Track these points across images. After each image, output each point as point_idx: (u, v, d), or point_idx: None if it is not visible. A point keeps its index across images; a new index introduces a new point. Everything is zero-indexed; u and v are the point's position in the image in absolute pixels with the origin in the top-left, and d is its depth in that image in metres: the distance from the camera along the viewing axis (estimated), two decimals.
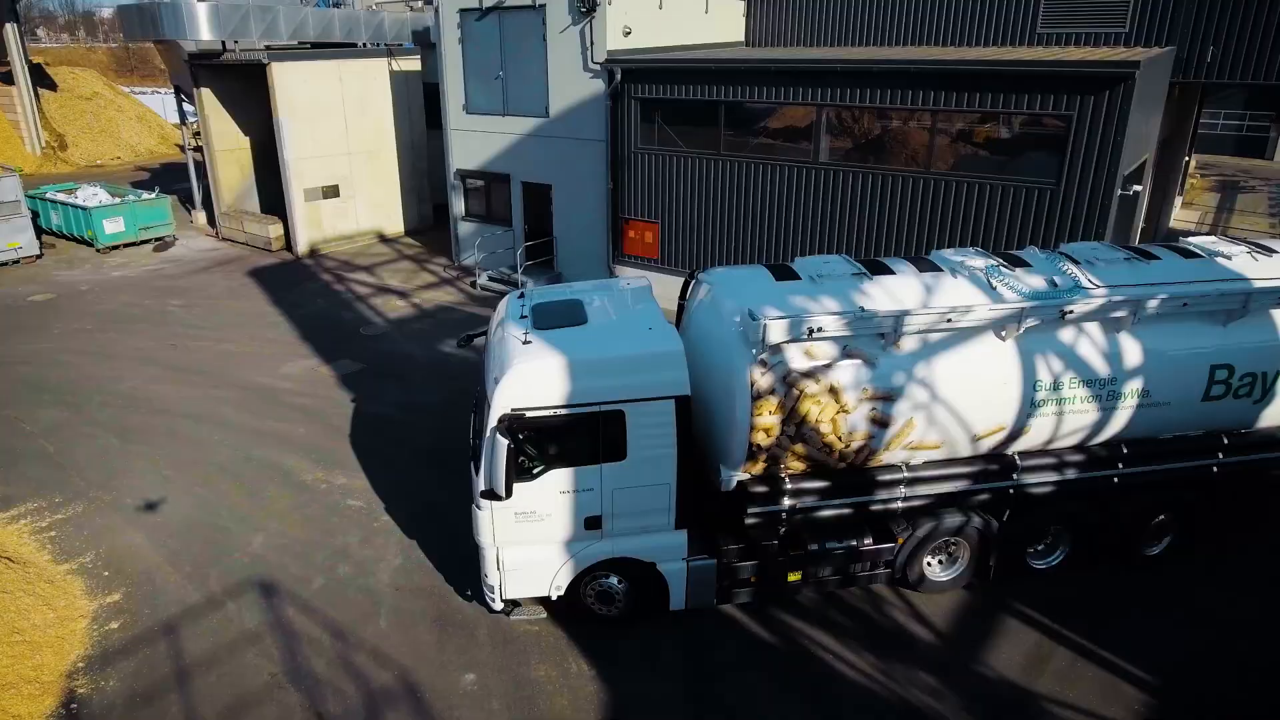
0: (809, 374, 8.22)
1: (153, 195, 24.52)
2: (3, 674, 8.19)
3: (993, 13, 18.37)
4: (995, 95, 13.79)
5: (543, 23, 18.82)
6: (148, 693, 8.26)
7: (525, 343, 8.25)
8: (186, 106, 25.73)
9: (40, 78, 38.76)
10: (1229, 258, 9.40)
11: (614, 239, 19.39)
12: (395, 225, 25.49)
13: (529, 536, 8.53)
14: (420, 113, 25.26)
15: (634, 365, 8.17)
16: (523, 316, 8.90)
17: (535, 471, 8.27)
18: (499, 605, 8.99)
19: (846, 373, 8.28)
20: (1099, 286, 8.73)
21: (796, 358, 8.21)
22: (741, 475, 8.62)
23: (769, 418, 8.20)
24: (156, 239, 24.41)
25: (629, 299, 9.34)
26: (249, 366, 16.07)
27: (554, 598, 8.89)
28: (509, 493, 7.91)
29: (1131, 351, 8.85)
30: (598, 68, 18.24)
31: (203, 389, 15.00)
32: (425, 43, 26.14)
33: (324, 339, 17.41)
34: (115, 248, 23.71)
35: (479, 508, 8.43)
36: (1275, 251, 9.62)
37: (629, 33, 18.38)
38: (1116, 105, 12.84)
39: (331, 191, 23.62)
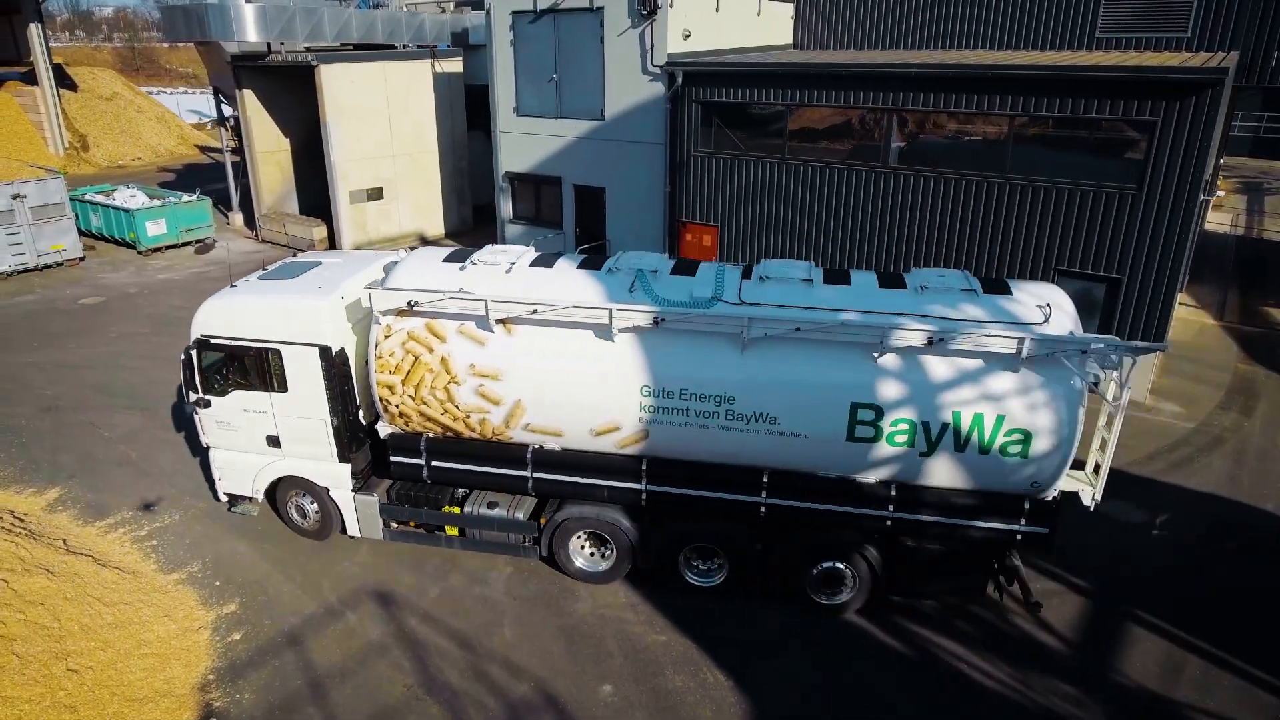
0: (425, 344, 9.06)
1: (193, 197, 24.37)
2: (138, 687, 8.11)
3: (1050, 16, 18.37)
4: (1076, 100, 13.78)
5: (600, 25, 18.77)
6: (285, 705, 8.19)
7: (232, 286, 10.01)
8: (225, 108, 25.58)
9: (60, 78, 38.50)
10: (942, 290, 8.51)
11: (670, 242, 19.35)
12: (436, 227, 25.40)
13: (229, 443, 10.39)
14: (461, 114, 25.18)
15: (287, 314, 9.51)
16: (264, 272, 10.54)
17: (224, 389, 10.01)
18: (222, 498, 10.88)
19: (458, 347, 9.01)
20: (747, 304, 8.45)
21: (418, 328, 9.06)
22: (392, 428, 9.78)
23: (390, 376, 9.24)
24: (197, 241, 24.27)
25: (358, 266, 10.29)
26: None
27: (258, 499, 10.71)
28: (201, 403, 10.03)
29: (753, 374, 8.44)
30: (657, 70, 18.19)
31: None
32: (464, 44, 26.10)
33: None
34: (157, 250, 23.56)
35: (194, 415, 10.30)
36: (1009, 292, 8.57)
37: (688, 35, 18.35)
38: (1204, 111, 12.85)
39: (376, 194, 23.53)
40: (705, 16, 18.77)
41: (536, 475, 9.48)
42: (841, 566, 9.26)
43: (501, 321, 8.83)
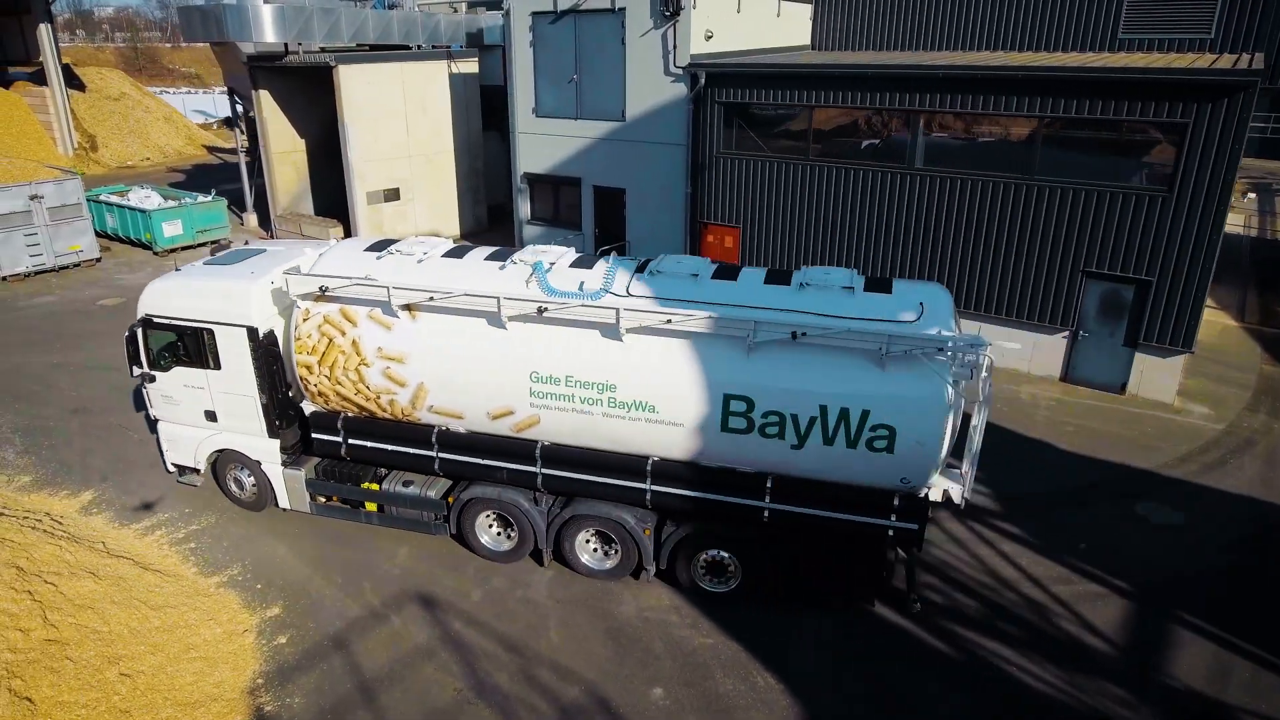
0: (339, 327, 9.55)
1: (209, 198, 24.33)
2: (188, 692, 8.09)
3: (1072, 17, 18.37)
4: (1106, 102, 13.78)
5: (622, 26, 18.76)
6: (336, 709, 8.17)
7: (177, 270, 10.67)
8: (238, 109, 25.54)
9: (68, 78, 38.42)
10: (826, 288, 8.67)
11: (691, 243, 19.34)
12: (452, 228, 25.38)
13: (174, 417, 11.09)
14: (477, 114, 25.16)
15: (219, 296, 10.10)
16: (210, 258, 11.19)
17: (168, 366, 10.64)
18: (171, 469, 11.55)
19: (368, 331, 9.46)
20: (632, 296, 8.72)
21: (333, 313, 9.56)
22: (315, 407, 10.38)
23: (307, 357, 9.77)
24: (213, 242, 24.22)
25: (298, 254, 10.49)
26: None
27: (202, 470, 11.30)
28: (146, 378, 10.74)
29: (630, 363, 8.71)
30: (679, 71, 18.18)
31: None
32: (479, 44, 26.09)
33: None
34: (173, 250, 23.51)
35: (144, 389, 11.00)
36: (889, 291, 8.73)
37: (711, 36, 18.35)
38: (1235, 113, 12.86)
39: (392, 195, 23.50)
40: (727, 17, 18.77)
41: (442, 456, 9.96)
42: (725, 555, 9.51)
43: (407, 307, 9.28)
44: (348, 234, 23.59)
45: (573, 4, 19.21)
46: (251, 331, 10.01)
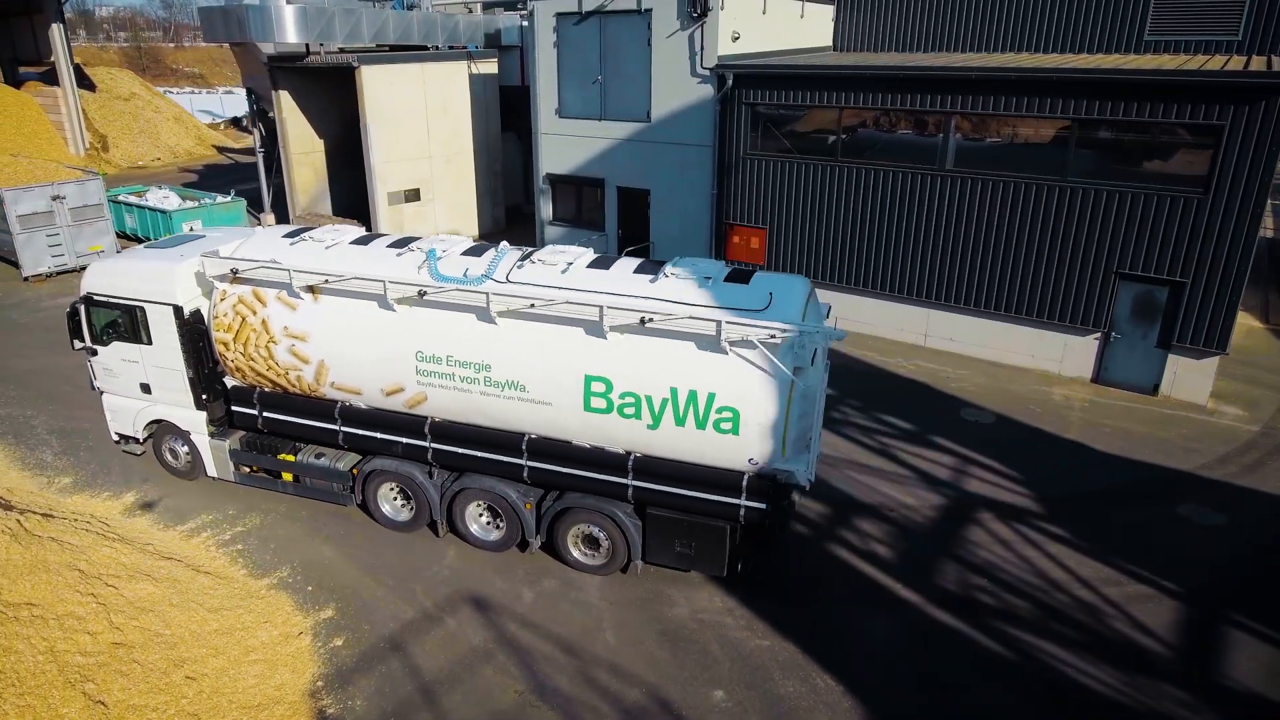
0: (251, 307, 10.22)
1: (228, 198, 24.30)
2: (251, 694, 8.08)
3: (1098, 18, 18.41)
4: (1141, 104, 13.81)
5: (648, 27, 18.77)
6: (399, 712, 8.16)
7: (118, 251, 11.44)
8: (257, 108, 25.51)
9: (79, 78, 38.32)
10: (685, 278, 9.03)
11: (716, 244, 19.35)
12: (471, 228, 25.37)
13: (114, 388, 11.85)
14: (496, 115, 25.16)
15: (149, 276, 10.85)
16: (151, 243, 12.02)
17: (108, 340, 11.36)
18: (114, 438, 12.28)
19: (275, 311, 10.14)
20: (510, 284, 9.27)
21: (246, 293, 10.24)
22: (235, 381, 11.05)
23: (224, 334, 10.48)
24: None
25: (233, 237, 11.16)
26: None
27: (141, 439, 12.05)
28: (89, 351, 11.53)
29: (502, 345, 9.31)
30: (706, 73, 18.19)
31: None
32: (497, 45, 26.08)
33: None
34: None
35: (88, 363, 11.72)
36: (746, 282, 9.05)
37: (737, 38, 18.36)
38: (1273, 115, 12.88)
39: (413, 195, 23.49)
40: (752, 18, 18.79)
41: (345, 429, 10.61)
42: (597, 530, 9.95)
43: (310, 289, 9.95)
44: None
45: (598, 5, 19.21)
46: (177, 310, 10.80)
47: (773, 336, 8.32)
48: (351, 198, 25.83)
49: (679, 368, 8.74)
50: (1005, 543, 10.87)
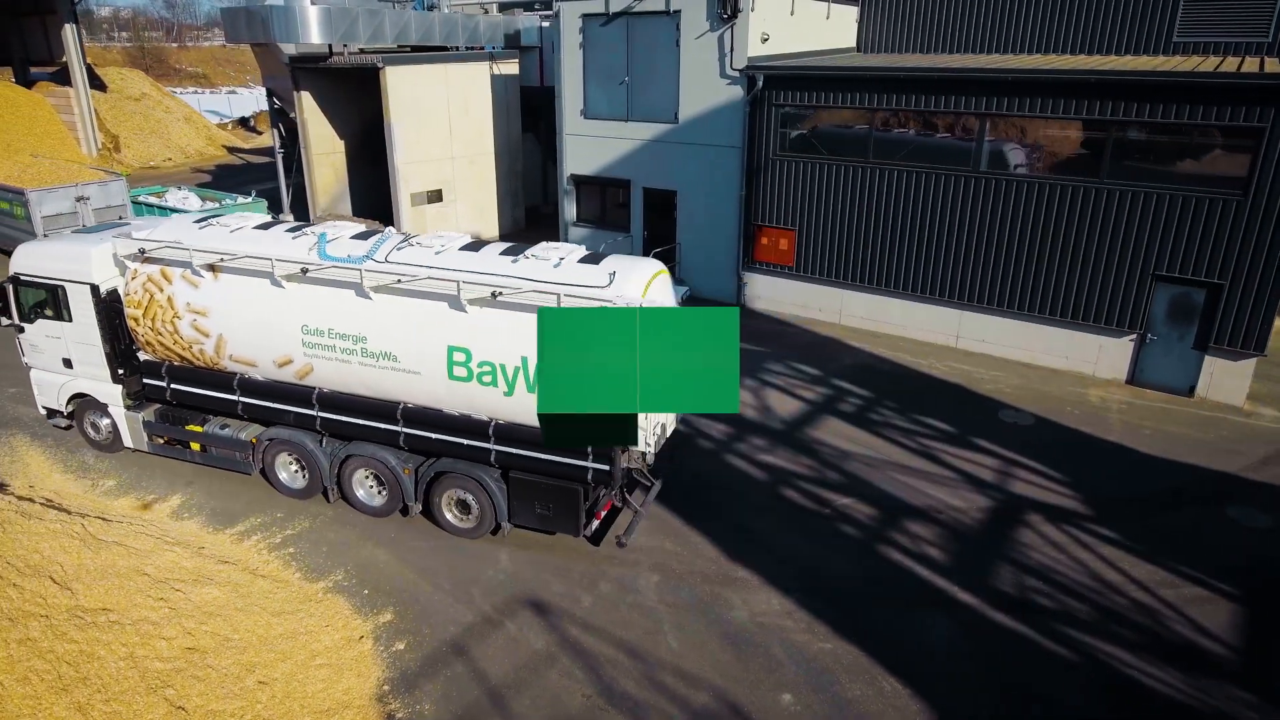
0: (158, 285, 10.93)
1: (249, 199, 24.21)
2: (320, 699, 8.06)
3: (1126, 20, 18.44)
4: (1181, 106, 13.83)
5: (676, 28, 18.76)
6: (468, 716, 8.14)
7: (44, 235, 11.98)
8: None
9: (90, 79, 38.20)
10: (544, 260, 9.72)
11: (744, 245, 19.35)
12: (491, 229, 25.34)
13: (40, 363, 12.56)
14: (517, 116, 25.14)
15: (69, 258, 11.59)
16: (79, 229, 12.86)
17: (34, 318, 12.08)
18: (41, 412, 12.98)
19: (179, 289, 10.85)
20: (388, 263, 9.87)
21: (154, 272, 10.96)
22: (147, 355, 11.69)
23: (135, 310, 11.18)
24: None
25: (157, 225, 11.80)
26: None
27: (66, 412, 12.73)
28: (16, 328, 12.24)
29: (376, 318, 10.00)
30: (736, 74, 18.19)
31: None
32: (516, 45, 26.07)
33: None
34: None
35: (17, 340, 12.40)
36: (597, 263, 9.74)
37: (767, 39, 18.35)
38: None
39: (435, 196, 23.46)
40: (781, 19, 18.78)
41: (243, 400, 11.26)
42: (467, 495, 10.61)
43: (211, 268, 10.66)
44: None
45: (625, 6, 19.20)
46: (94, 289, 11.50)
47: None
48: (370, 198, 25.79)
49: (529, 339, 9.31)
50: (1056, 545, 10.88)
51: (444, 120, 23.05)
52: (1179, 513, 11.63)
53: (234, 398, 11.27)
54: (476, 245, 10.28)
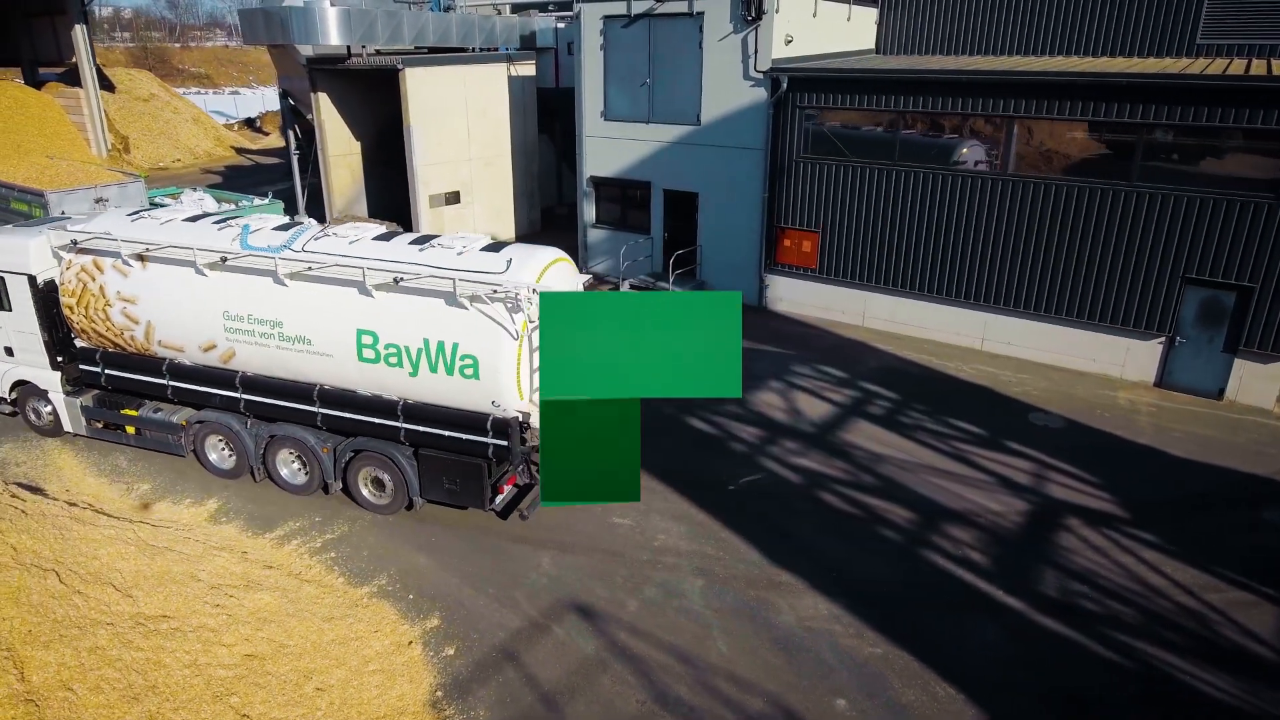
0: (90, 274, 11.39)
1: (265, 200, 24.15)
2: (375, 706, 8.03)
3: (1148, 22, 18.42)
4: (1212, 110, 13.83)
5: (699, 30, 18.74)
6: None
7: None
8: (291, 109, 25.39)
9: (99, 79, 38.09)
10: (448, 248, 10.26)
11: (767, 247, 19.34)
12: (507, 231, 25.31)
13: None
14: (534, 118, 25.11)
15: (6, 249, 11.98)
16: (23, 223, 13.33)
17: None
18: None
19: (110, 278, 11.33)
20: (306, 253, 10.44)
21: (87, 262, 11.44)
22: (83, 343, 12.10)
23: (69, 299, 11.66)
24: None
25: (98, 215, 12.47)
26: None
27: (9, 399, 13.22)
28: None
29: (291, 303, 10.51)
30: (759, 76, 18.18)
31: None
32: (532, 46, 26.04)
33: None
34: None
35: None
36: (498, 251, 10.26)
37: (790, 41, 18.34)
38: None
39: (453, 198, 23.43)
40: (804, 21, 18.77)
41: (172, 384, 11.69)
42: (382, 472, 11.07)
43: (140, 258, 11.13)
44: None
45: (647, 8, 19.19)
46: (31, 279, 11.97)
47: (495, 291, 9.60)
48: (386, 199, 25.75)
49: (430, 321, 9.96)
50: (1098, 548, 10.88)
51: (462, 122, 23.02)
52: (1215, 516, 11.63)
53: (164, 382, 11.71)
54: (389, 235, 10.86)
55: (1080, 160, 15.55)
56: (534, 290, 9.48)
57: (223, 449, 12.09)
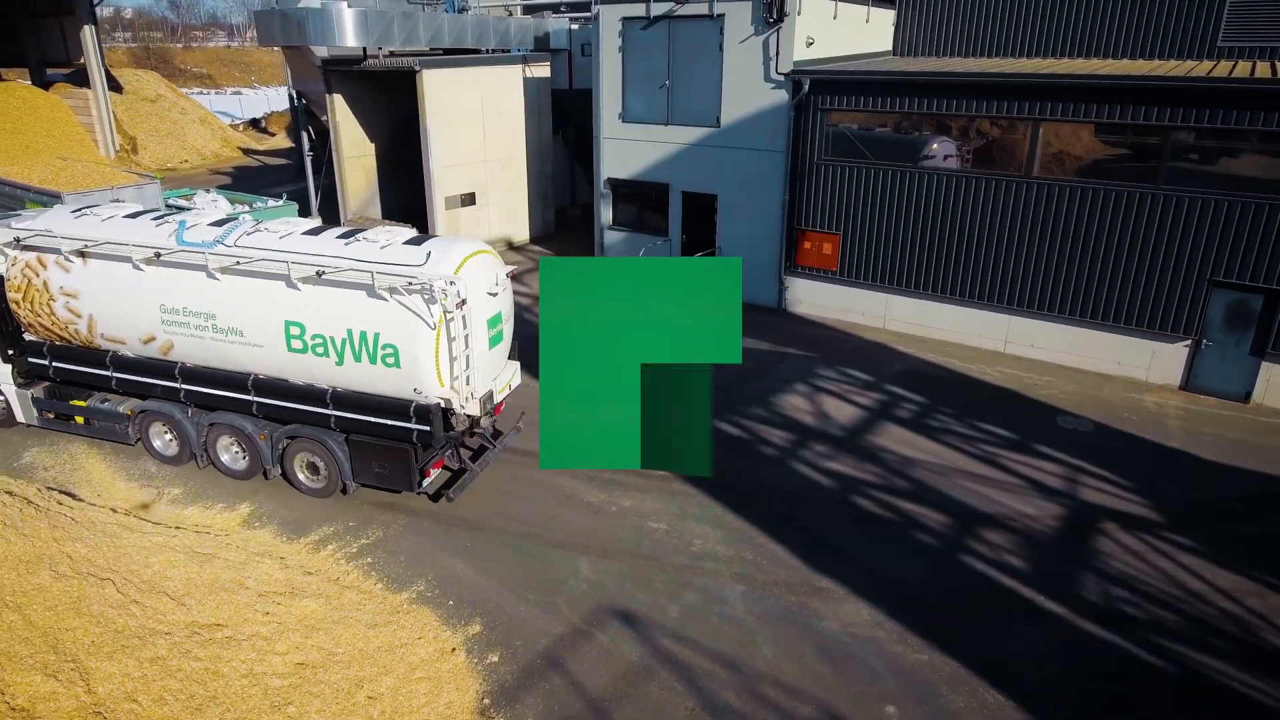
0: (35, 270, 11.77)
1: (279, 202, 24.08)
2: (425, 713, 7.98)
3: (1169, 24, 18.41)
4: (1240, 112, 13.81)
5: (720, 32, 18.70)
6: None
7: None
8: (306, 110, 25.32)
9: (107, 80, 37.95)
10: (373, 242, 10.62)
11: (787, 249, 19.31)
12: (522, 233, 25.26)
13: None
14: (548, 119, 25.06)
15: None
16: None
17: None
18: None
19: (53, 274, 11.68)
20: (238, 248, 10.83)
21: (31, 258, 11.81)
22: (32, 336, 12.46)
23: (15, 294, 12.05)
24: None
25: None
26: None
27: None
28: None
29: (223, 296, 10.91)
30: (780, 78, 18.15)
31: None
32: (545, 48, 26.00)
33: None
34: None
35: None
36: (419, 244, 10.60)
37: (811, 43, 18.32)
38: None
39: (469, 199, 23.37)
40: (824, 23, 18.75)
41: (116, 375, 12.09)
42: (316, 458, 11.50)
43: (81, 254, 11.49)
44: None
45: (667, 10, 19.15)
46: None
47: (411, 283, 9.98)
48: (400, 201, 25.69)
49: (353, 312, 10.37)
50: (1135, 553, 10.85)
51: (478, 123, 22.96)
52: (1252, 520, 11.61)
53: (108, 374, 12.09)
54: (318, 230, 11.23)
55: (1094, 162, 15.52)
56: (450, 282, 9.95)
57: (167, 437, 12.51)
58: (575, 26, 26.85)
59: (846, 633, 9.42)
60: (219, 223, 11.54)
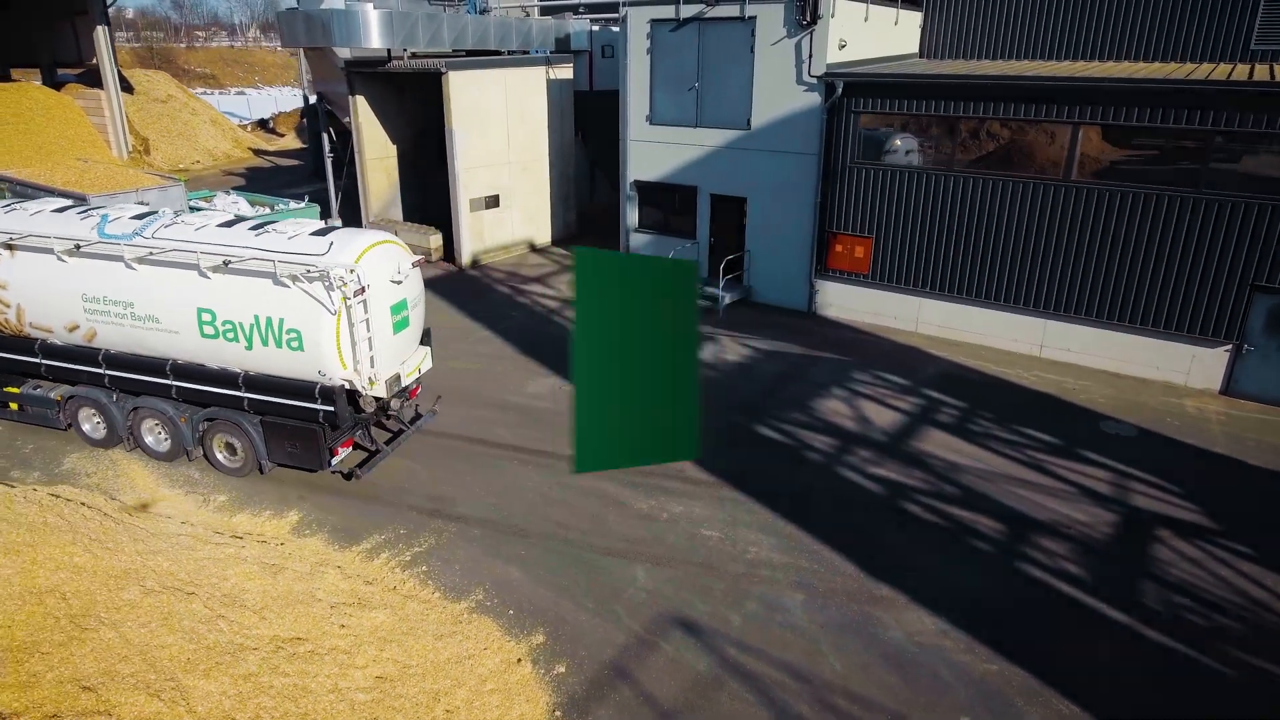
0: None
1: (301, 204, 23.98)
2: None
3: (1200, 27, 18.36)
4: None
5: (751, 34, 18.62)
6: None
7: None
8: (326, 112, 25.20)
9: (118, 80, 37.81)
10: (281, 234, 11.15)
11: (818, 252, 19.24)
12: (544, 235, 25.17)
13: None
14: (570, 121, 24.96)
15: None
16: None
17: None
18: None
19: None
20: (155, 239, 11.30)
21: None
22: None
23: None
24: None
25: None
26: (490, 384, 15.76)
27: None
28: None
29: (139, 285, 11.44)
30: (813, 80, 18.07)
31: (461, 409, 14.66)
32: (566, 49, 25.91)
33: (546, 354, 17.11)
34: None
35: None
36: (324, 235, 11.11)
37: (844, 45, 18.24)
38: None
39: (493, 202, 23.27)
40: (856, 26, 18.68)
41: (45, 362, 12.60)
42: (233, 439, 12.06)
43: (8, 246, 12.07)
44: (448, 242, 23.33)
45: (697, 12, 19.07)
46: None
47: (311, 271, 10.53)
48: (421, 203, 25.61)
49: (260, 299, 10.93)
50: (1193, 560, 10.79)
51: (502, 125, 22.87)
52: None
53: (38, 361, 12.61)
54: (232, 222, 11.72)
55: (1132, 166, 15.47)
56: (350, 270, 10.51)
57: (95, 421, 12.98)
58: (596, 28, 26.76)
59: (912, 642, 9.35)
60: (140, 216, 12.04)
